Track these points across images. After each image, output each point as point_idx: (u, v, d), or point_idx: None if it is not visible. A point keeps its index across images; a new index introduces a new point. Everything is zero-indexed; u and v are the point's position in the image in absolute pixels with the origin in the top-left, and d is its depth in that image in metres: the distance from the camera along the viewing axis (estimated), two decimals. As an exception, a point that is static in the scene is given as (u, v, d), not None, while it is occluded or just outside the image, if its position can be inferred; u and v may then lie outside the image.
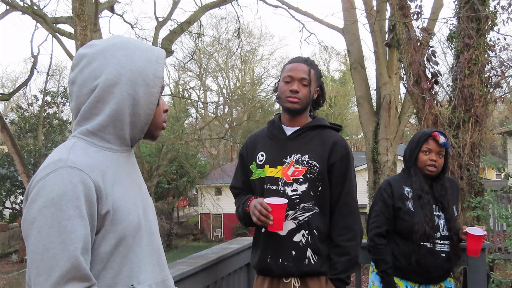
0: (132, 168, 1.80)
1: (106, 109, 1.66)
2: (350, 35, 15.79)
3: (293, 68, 2.99)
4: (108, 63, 1.67)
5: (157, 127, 1.81)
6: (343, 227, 2.92)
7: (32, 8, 18.43)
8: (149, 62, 1.71)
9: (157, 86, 1.71)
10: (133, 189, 1.74)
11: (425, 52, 8.07)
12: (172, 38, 20.99)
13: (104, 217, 1.58)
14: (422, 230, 3.42)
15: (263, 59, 52.69)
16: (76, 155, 1.59)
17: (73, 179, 1.51)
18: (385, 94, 14.56)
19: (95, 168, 1.59)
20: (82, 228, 1.49)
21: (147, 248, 1.73)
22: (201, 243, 36.02)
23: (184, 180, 35.49)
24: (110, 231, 1.59)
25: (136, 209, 1.69)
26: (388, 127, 14.51)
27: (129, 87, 1.67)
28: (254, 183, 3.11)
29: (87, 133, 1.68)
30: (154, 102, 1.71)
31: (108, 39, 1.76)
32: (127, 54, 1.69)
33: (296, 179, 2.93)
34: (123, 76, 1.66)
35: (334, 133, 3.05)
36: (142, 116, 1.71)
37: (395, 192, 3.57)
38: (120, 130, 1.70)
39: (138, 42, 1.77)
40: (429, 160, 3.53)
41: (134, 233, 1.66)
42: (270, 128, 3.15)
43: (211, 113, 43.12)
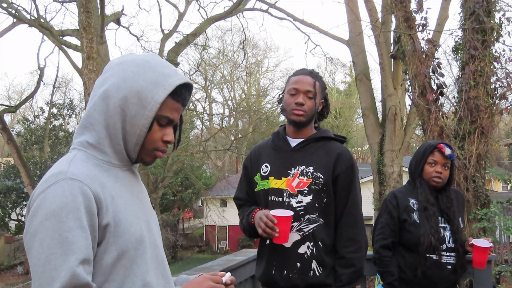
0: (133, 182, 1.80)
1: (100, 119, 1.67)
2: (355, 47, 15.82)
3: (298, 81, 2.99)
4: (115, 75, 1.69)
5: (147, 153, 1.77)
6: (348, 239, 2.90)
7: (38, 21, 18.56)
8: (154, 85, 1.68)
9: (153, 111, 1.67)
10: (134, 202, 1.74)
11: (430, 64, 8.08)
12: (177, 50, 21.09)
13: (105, 228, 1.58)
14: (428, 242, 3.40)
15: (269, 71, 52.80)
16: (76, 167, 1.60)
17: (73, 190, 1.52)
18: (391, 106, 14.55)
19: (95, 180, 1.59)
20: (83, 239, 1.50)
21: (152, 261, 1.73)
22: (206, 255, 35.94)
23: (190, 191, 35.49)
24: (112, 244, 1.59)
25: (138, 222, 1.69)
26: (393, 138, 14.50)
27: (123, 102, 1.66)
28: (258, 195, 3.10)
29: (87, 145, 1.69)
30: (145, 125, 1.68)
31: (138, 55, 1.76)
32: (137, 72, 1.68)
33: (301, 190, 2.91)
34: (121, 91, 1.66)
35: (338, 145, 3.05)
36: (133, 136, 1.69)
37: (400, 204, 3.56)
38: (116, 145, 1.70)
39: (159, 65, 1.73)
40: (434, 172, 3.52)
41: (137, 245, 1.65)
42: (274, 140, 3.15)
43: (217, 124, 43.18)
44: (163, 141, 1.76)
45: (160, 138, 1.75)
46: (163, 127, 1.74)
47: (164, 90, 1.67)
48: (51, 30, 18.39)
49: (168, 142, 1.77)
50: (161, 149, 1.77)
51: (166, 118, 1.72)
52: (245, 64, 41.08)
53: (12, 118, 40.51)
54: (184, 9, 22.89)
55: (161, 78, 1.69)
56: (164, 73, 1.70)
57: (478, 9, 7.84)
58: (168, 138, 1.76)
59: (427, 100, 7.96)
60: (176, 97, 1.72)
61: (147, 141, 1.72)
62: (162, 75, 1.69)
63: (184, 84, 1.75)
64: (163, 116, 1.71)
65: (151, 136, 1.73)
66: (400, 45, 9.01)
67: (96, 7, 13.96)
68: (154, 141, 1.74)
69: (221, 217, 33.85)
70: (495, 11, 8.07)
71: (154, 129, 1.72)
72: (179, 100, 1.74)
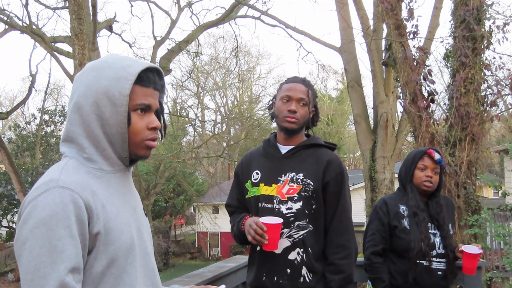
0: (126, 188, 1.79)
1: (79, 131, 1.68)
2: (347, 54, 15.86)
3: (291, 88, 3.01)
4: (80, 85, 1.70)
5: (138, 146, 1.75)
6: (338, 245, 2.91)
7: (30, 27, 18.53)
8: (117, 80, 1.67)
9: (124, 105, 1.66)
10: (126, 209, 1.73)
11: (421, 71, 8.12)
12: (170, 57, 21.11)
13: (96, 237, 1.57)
14: (418, 248, 3.42)
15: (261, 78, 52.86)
16: (68, 174, 1.59)
17: (63, 199, 1.51)
18: (382, 113, 14.59)
19: (86, 188, 1.59)
20: (73, 247, 1.50)
21: (141, 269, 1.73)
22: (198, 261, 35.84)
23: (182, 198, 35.39)
24: (102, 252, 1.59)
25: (129, 229, 1.69)
26: (385, 145, 14.53)
27: (95, 108, 1.66)
28: (249, 201, 3.11)
29: (76, 154, 1.69)
30: (122, 121, 1.67)
31: (96, 60, 1.76)
32: (97, 75, 1.68)
33: (291, 197, 2.93)
34: (88, 97, 1.66)
35: (329, 152, 3.07)
36: (116, 136, 1.69)
37: (390, 211, 3.58)
38: (103, 151, 1.69)
39: (117, 60, 1.73)
40: (425, 176, 3.55)
41: (127, 253, 1.65)
42: (265, 147, 3.16)
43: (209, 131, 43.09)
44: (149, 129, 1.74)
45: (145, 127, 1.73)
46: (143, 115, 1.73)
47: (127, 81, 1.66)
48: (43, 36, 18.37)
49: (154, 128, 1.75)
50: (150, 138, 1.75)
51: (141, 105, 1.71)
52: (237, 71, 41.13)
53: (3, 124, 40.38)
54: (176, 16, 22.92)
55: (121, 71, 1.68)
56: (123, 66, 1.69)
57: (469, 17, 7.90)
58: (153, 124, 1.74)
59: (418, 107, 8.00)
60: (143, 83, 1.71)
61: (132, 134, 1.71)
62: (122, 68, 1.68)
63: (149, 69, 1.74)
64: (137, 105, 1.70)
65: (134, 128, 1.71)
66: (392, 53, 9.04)
67: (88, 14, 13.96)
68: (139, 131, 1.72)
69: (213, 224, 33.80)
70: (485, 19, 8.13)
71: (134, 120, 1.71)
72: (148, 85, 1.73)
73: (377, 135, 14.86)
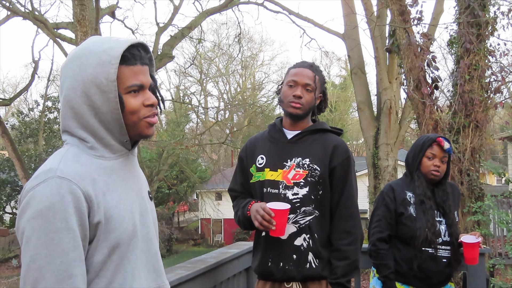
0: (129, 173, 1.77)
1: (74, 124, 1.66)
2: (351, 41, 15.81)
3: (298, 73, 2.98)
4: (66, 78, 1.66)
5: (138, 126, 1.71)
6: (343, 231, 2.90)
7: (33, 13, 18.46)
8: (102, 66, 1.62)
9: (113, 90, 1.62)
10: (129, 195, 1.71)
11: (425, 58, 8.09)
12: (172, 43, 21.04)
13: (96, 226, 1.56)
14: (424, 236, 3.41)
15: (264, 65, 52.70)
16: (67, 163, 1.57)
17: (61, 189, 1.50)
18: (386, 100, 14.57)
19: (85, 177, 1.57)
20: (70, 240, 1.49)
21: (143, 255, 1.72)
22: (201, 248, 35.94)
23: (185, 185, 35.44)
24: (103, 241, 1.58)
25: (131, 216, 1.67)
26: (388, 132, 14.52)
27: (85, 99, 1.62)
28: (254, 186, 3.09)
29: (78, 142, 1.67)
30: (115, 106, 1.63)
31: (77, 48, 1.71)
32: (81, 64, 1.64)
33: (297, 182, 2.91)
34: (76, 89, 1.63)
35: (335, 137, 3.05)
36: (112, 123, 1.66)
37: (397, 197, 3.56)
38: (101, 139, 1.67)
39: (98, 44, 1.68)
40: (433, 165, 3.51)
41: (129, 240, 1.64)
42: (271, 132, 3.14)
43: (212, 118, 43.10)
44: (145, 106, 1.70)
45: (141, 105, 1.69)
46: (137, 94, 1.69)
47: (111, 66, 1.62)
48: (45, 23, 18.29)
49: (151, 105, 1.71)
50: (149, 115, 1.71)
51: (133, 86, 1.67)
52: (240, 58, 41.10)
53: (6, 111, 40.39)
54: (179, 2, 22.79)
55: (104, 56, 1.63)
56: (105, 49, 1.64)
57: (473, 3, 7.84)
58: (149, 101, 1.70)
59: (422, 93, 7.98)
60: (129, 62, 1.66)
61: (128, 116, 1.68)
62: (104, 52, 1.63)
63: (133, 45, 1.69)
64: (129, 87, 1.66)
65: (130, 109, 1.67)
66: (395, 39, 9.01)
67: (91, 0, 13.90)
68: (135, 111, 1.68)
69: (216, 211, 33.86)
70: (490, 5, 8.08)
71: (128, 102, 1.67)
72: (135, 62, 1.68)
73: (380, 122, 14.85)
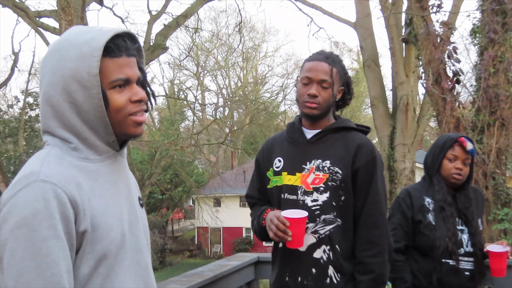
0: (118, 177, 1.76)
1: (55, 123, 1.65)
2: (363, 30, 15.80)
3: (312, 68, 2.89)
4: (45, 72, 1.65)
5: (125, 125, 1.70)
6: (367, 242, 2.83)
7: (13, 0, 18.48)
8: (83, 59, 1.60)
9: (96, 86, 1.60)
10: (117, 201, 1.70)
11: (445, 49, 8.08)
12: (166, 33, 21.03)
13: (83, 235, 1.55)
14: (444, 246, 3.38)
15: (267, 56, 52.81)
16: (50, 166, 1.56)
17: (46, 194, 1.49)
18: (402, 95, 14.55)
19: (70, 180, 1.56)
20: (59, 249, 1.48)
21: (132, 267, 1.71)
22: (198, 260, 36.00)
23: (180, 190, 35.48)
24: (89, 252, 1.57)
25: (120, 224, 1.66)
26: (405, 131, 14.50)
27: (65, 96, 1.61)
28: (271, 192, 3.04)
29: (60, 143, 1.66)
30: (99, 103, 1.62)
31: (57, 39, 1.70)
32: (60, 57, 1.63)
33: (317, 187, 2.85)
34: (56, 85, 1.62)
35: (359, 136, 2.98)
36: (96, 121, 1.64)
37: (415, 203, 3.54)
38: (85, 139, 1.66)
39: (79, 35, 1.65)
40: (454, 168, 3.48)
41: (117, 251, 1.63)
42: (289, 131, 3.09)
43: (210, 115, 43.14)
44: (133, 102, 1.68)
45: (127, 101, 1.67)
46: (123, 89, 1.67)
47: (93, 59, 1.60)
48: (26, 11, 18.30)
49: (139, 100, 1.69)
50: (136, 111, 1.69)
51: (118, 81, 1.65)
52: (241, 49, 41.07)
53: (-17, 108, 40.46)
54: (173, -12, 22.80)
55: (85, 48, 1.61)
56: (86, 41, 1.62)
57: (499, -12, 7.83)
58: (137, 97, 1.68)
59: (442, 88, 7.97)
60: (113, 54, 1.64)
61: (114, 113, 1.66)
62: (85, 43, 1.61)
63: (117, 35, 1.67)
64: (113, 82, 1.65)
65: (115, 106, 1.66)
66: (412, 28, 9.00)
67: (76, -15, 13.91)
68: (121, 108, 1.67)
69: (215, 218, 33.84)
70: (517, -9, 8.06)
71: (113, 98, 1.65)
72: (120, 54, 1.66)
73: (396, 120, 14.83)
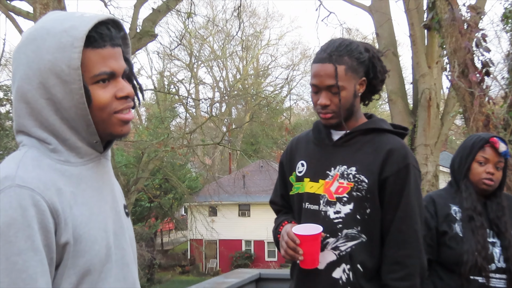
0: (102, 182, 1.76)
1: (30, 122, 1.65)
2: (379, 15, 15.81)
3: (316, 73, 2.79)
4: (19, 65, 1.64)
5: (108, 123, 1.70)
6: (395, 262, 2.75)
7: (-20, -19, 18.52)
8: (62, 50, 1.59)
9: (77, 80, 1.59)
10: (102, 209, 1.70)
11: (473, 36, 8.07)
12: (155, 18, 21.05)
13: (64, 248, 1.55)
14: (473, 261, 3.37)
15: (270, 45, 52.92)
16: (26, 169, 1.56)
17: (22, 201, 1.48)
18: (424, 89, 14.55)
19: (50, 186, 1.55)
20: (37, 264, 1.47)
21: (118, 284, 1.71)
22: (191, 276, 36.05)
23: (170, 197, 35.55)
24: (71, 267, 1.56)
25: (104, 235, 1.66)
26: (427, 130, 14.50)
27: (42, 91, 1.61)
28: (292, 200, 3.02)
29: (37, 143, 1.65)
30: (80, 100, 1.61)
31: (33, 27, 1.69)
32: (37, 47, 1.62)
33: (340, 197, 2.79)
34: (32, 79, 1.61)
35: (393, 139, 2.89)
36: (77, 120, 1.64)
37: (439, 212, 3.53)
38: (65, 140, 1.66)
39: (57, 23, 1.65)
40: (485, 172, 3.47)
41: (101, 266, 1.63)
42: (314, 131, 3.04)
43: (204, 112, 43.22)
44: (118, 98, 1.68)
45: (112, 97, 1.67)
46: (107, 84, 1.67)
47: (74, 49, 1.59)
48: (-5, -7, 18.36)
49: (125, 97, 1.70)
50: (121, 108, 1.70)
51: (102, 75, 1.65)
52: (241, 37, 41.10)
53: None
54: (163, -33, 22.85)
55: (64, 37, 1.60)
56: (65, 29, 1.61)
57: (534, -34, 7.84)
58: (123, 92, 1.69)
59: (469, 81, 7.96)
60: (97, 44, 1.64)
61: (97, 111, 1.66)
62: (64, 32, 1.61)
63: (101, 22, 1.66)
64: (96, 76, 1.64)
65: (98, 103, 1.66)
66: (436, 13, 8.99)
67: (52, -37, 13.93)
68: (105, 105, 1.67)
69: (210, 229, 33.88)
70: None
71: (96, 94, 1.65)
72: (104, 44, 1.65)
73: (417, 117, 14.83)
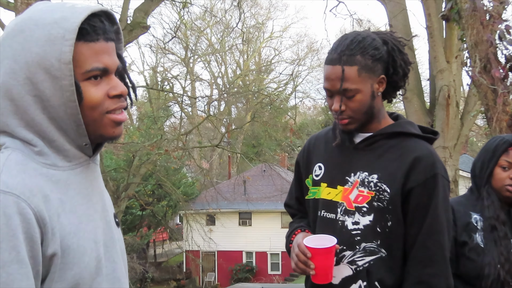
0: (91, 188, 1.77)
1: (14, 122, 1.65)
2: (393, 4, 15.81)
3: (328, 77, 2.72)
4: (4, 58, 1.64)
5: (100, 124, 1.71)
6: (418, 281, 2.67)
7: (-45, -33, 18.55)
8: (52, 43, 1.60)
9: (67, 76, 1.60)
10: (91, 218, 1.71)
11: (496, 28, 8.08)
12: (147, 8, 21.05)
13: (51, 260, 1.56)
14: (495, 274, 3.38)
15: (274, 37, 52.87)
16: (11, 174, 1.56)
17: (6, 209, 1.48)
18: (442, 86, 14.54)
19: (36, 192, 1.56)
20: (22, 277, 1.48)
21: None
22: (187, 291, 36.00)
23: (164, 204, 35.48)
24: (58, 280, 1.57)
25: (94, 247, 1.67)
26: (446, 131, 14.50)
27: (29, 87, 1.61)
28: (308, 205, 2.99)
29: (21, 145, 1.65)
30: (71, 98, 1.62)
31: (19, 17, 1.69)
32: (24, 39, 1.62)
33: (359, 207, 2.73)
34: (18, 74, 1.61)
35: (421, 144, 2.83)
36: (66, 120, 1.65)
37: (459, 221, 3.54)
38: (52, 142, 1.66)
39: (46, 13, 1.65)
40: (509, 178, 3.46)
41: (91, 280, 1.64)
42: (334, 130, 2.94)
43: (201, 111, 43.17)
44: (111, 97, 1.69)
45: (104, 95, 1.68)
46: (99, 81, 1.68)
47: (65, 42, 1.59)
48: (-28, -20, 18.38)
49: (119, 95, 1.71)
50: (114, 108, 1.71)
51: (95, 71, 1.66)
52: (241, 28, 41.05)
53: None
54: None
55: (55, 28, 1.60)
56: (56, 20, 1.62)
57: None
58: (116, 91, 1.70)
59: (492, 77, 7.97)
60: (89, 37, 1.65)
61: (88, 110, 1.67)
62: (55, 23, 1.61)
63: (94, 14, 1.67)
64: (88, 72, 1.65)
65: (89, 102, 1.67)
66: (455, 2, 9.01)
67: (35, -51, 13.95)
68: (97, 104, 1.68)
69: (208, 240, 33.84)
70: None
71: (87, 91, 1.66)
72: (97, 38, 1.67)
73: (435, 117, 14.83)
